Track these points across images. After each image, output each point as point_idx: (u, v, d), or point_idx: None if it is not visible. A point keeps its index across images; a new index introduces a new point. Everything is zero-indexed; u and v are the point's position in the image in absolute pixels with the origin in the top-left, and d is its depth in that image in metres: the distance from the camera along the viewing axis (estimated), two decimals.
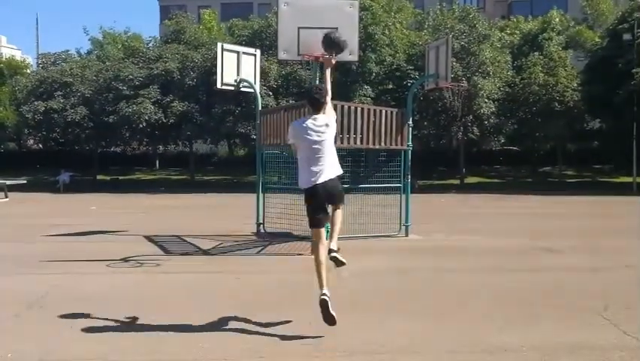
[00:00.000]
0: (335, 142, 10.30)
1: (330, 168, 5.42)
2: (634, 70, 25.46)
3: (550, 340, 5.00)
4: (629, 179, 27.86)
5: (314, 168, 5.36)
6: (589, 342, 4.95)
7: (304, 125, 5.48)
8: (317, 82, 9.62)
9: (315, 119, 5.49)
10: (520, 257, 9.41)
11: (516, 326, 5.44)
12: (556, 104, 28.83)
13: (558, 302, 6.30)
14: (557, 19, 32.58)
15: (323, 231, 5.49)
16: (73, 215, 16.39)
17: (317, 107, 5.56)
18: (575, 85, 29.34)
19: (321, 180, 5.34)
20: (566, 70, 29.71)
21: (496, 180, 31.72)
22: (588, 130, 33.29)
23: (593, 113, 30.41)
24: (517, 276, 7.85)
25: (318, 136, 5.41)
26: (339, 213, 5.52)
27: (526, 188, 27.69)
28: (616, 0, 36.63)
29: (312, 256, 5.46)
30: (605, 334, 5.18)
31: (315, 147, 5.39)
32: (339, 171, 5.58)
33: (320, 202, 5.44)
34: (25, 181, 25.65)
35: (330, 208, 5.56)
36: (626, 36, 26.63)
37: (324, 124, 5.47)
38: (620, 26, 28.02)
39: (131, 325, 5.51)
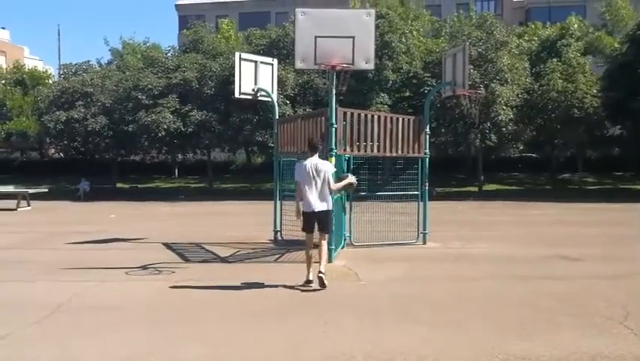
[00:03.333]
0: (352, 150, 10.59)
1: (323, 201, 7.57)
2: None
3: (571, 349, 4.96)
4: None
5: (311, 198, 7.49)
6: (610, 351, 4.90)
7: (306, 167, 7.57)
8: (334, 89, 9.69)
9: (314, 163, 7.59)
10: (539, 265, 9.33)
11: (536, 334, 5.40)
12: (576, 111, 28.53)
13: (578, 311, 6.24)
14: (576, 25, 32.29)
15: (312, 236, 7.68)
16: (93, 223, 16.59)
17: (314, 152, 7.71)
18: (595, 91, 29.01)
19: (317, 209, 7.53)
20: (585, 76, 29.41)
21: (514, 188, 31.46)
22: (608, 137, 32.89)
23: (613, 120, 30.04)
24: (537, 284, 7.78)
25: (316, 175, 7.52)
26: (324, 245, 7.64)
27: (545, 195, 27.42)
28: (635, 5, 36.27)
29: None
30: (626, 343, 5.12)
31: (313, 182, 7.52)
32: (330, 207, 7.69)
33: (312, 221, 7.59)
34: (46, 190, 26.03)
35: (317, 231, 7.65)
36: None
37: (320, 167, 7.59)
38: None
39: (150, 332, 5.57)
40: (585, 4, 43.24)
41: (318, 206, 7.48)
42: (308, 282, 7.41)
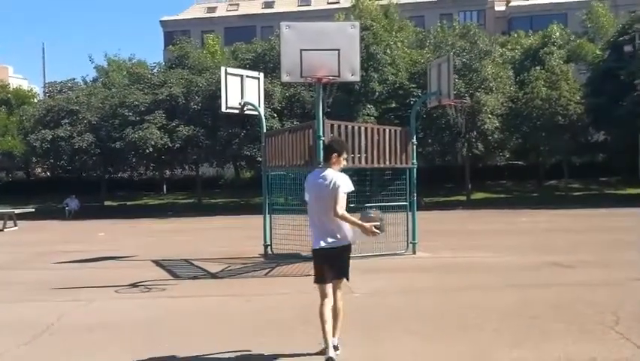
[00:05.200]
0: None
1: (337, 233, 4.96)
2: (636, 81, 25.52)
3: (562, 355, 4.97)
4: (637, 191, 27.75)
5: (318, 228, 5.02)
6: (602, 357, 4.91)
7: (310, 181, 5.14)
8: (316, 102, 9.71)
9: (325, 176, 5.01)
10: (529, 273, 9.36)
11: (527, 342, 5.41)
12: (560, 118, 28.86)
13: (569, 317, 6.26)
14: (558, 34, 32.74)
15: (328, 287, 5.01)
16: (82, 241, 16.44)
17: (329, 155, 5.14)
18: (578, 98, 29.39)
19: (326, 245, 4.96)
20: (568, 83, 29.78)
21: (502, 196, 31.63)
22: (593, 143, 33.28)
23: (597, 126, 30.44)
24: (528, 292, 7.81)
25: (324, 193, 4.95)
26: (338, 300, 5.05)
27: (532, 203, 27.61)
28: (616, 12, 36.85)
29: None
30: (618, 348, 5.14)
31: (320, 204, 4.98)
32: (349, 240, 5.03)
33: (322, 265, 5.03)
34: (33, 209, 25.80)
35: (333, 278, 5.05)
36: (627, 48, 26.77)
37: (331, 182, 4.96)
38: (621, 38, 28.20)
39: (140, 351, 5.51)
40: (566, 13, 43.85)
41: (329, 240, 4.97)
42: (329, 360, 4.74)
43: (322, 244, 4.94)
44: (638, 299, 7.08)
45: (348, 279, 5.12)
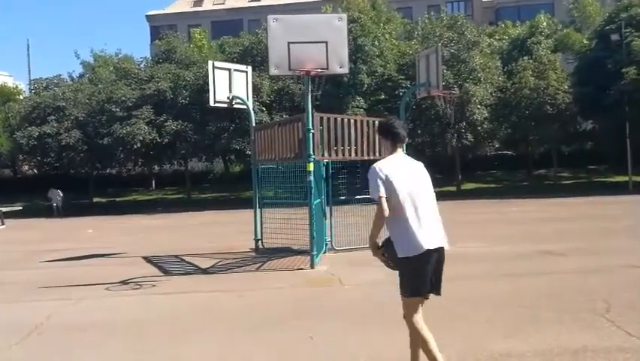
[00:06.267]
0: (330, 155, 10.19)
1: (442, 231, 4.13)
2: (623, 70, 25.64)
3: (554, 344, 4.98)
4: (625, 178, 27.96)
5: (426, 227, 3.97)
6: (593, 345, 4.92)
7: (400, 172, 4.02)
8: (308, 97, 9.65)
9: (409, 164, 4.19)
10: (520, 262, 9.39)
11: (519, 331, 5.42)
12: (548, 107, 29.00)
13: (560, 306, 6.28)
14: (545, 23, 32.84)
15: (420, 302, 4.19)
16: (70, 239, 16.31)
17: (397, 142, 4.19)
18: (566, 87, 29.54)
19: (438, 244, 4.01)
20: (556, 73, 29.91)
21: (492, 185, 31.77)
22: (581, 132, 33.49)
23: (585, 115, 30.61)
24: (519, 281, 7.83)
25: (421, 184, 4.12)
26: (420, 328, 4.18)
27: (522, 192, 27.74)
28: (602, 2, 37.00)
29: (410, 330, 4.22)
30: (609, 336, 5.16)
31: (421, 198, 4.04)
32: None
33: (428, 271, 4.00)
34: (20, 207, 25.59)
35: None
36: (614, 37, 26.87)
37: (421, 171, 4.24)
38: (608, 27, 28.29)
39: (131, 349, 5.46)
40: (553, 2, 44.02)
41: (440, 238, 4.06)
42: None
43: (432, 243, 3.94)
44: (628, 287, 7.11)
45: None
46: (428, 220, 3.98)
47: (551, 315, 5.91)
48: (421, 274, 3.96)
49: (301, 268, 9.37)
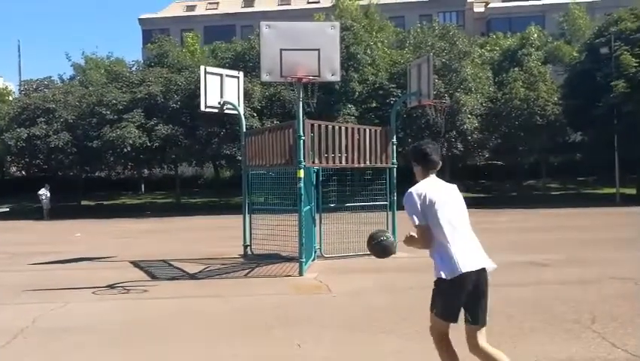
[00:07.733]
0: (320, 162, 10.20)
1: (482, 252, 3.96)
2: (612, 82, 25.89)
3: (540, 355, 5.01)
4: (613, 190, 28.18)
5: (465, 249, 3.86)
6: (579, 356, 4.96)
7: (438, 197, 3.93)
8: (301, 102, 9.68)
9: (445, 188, 4.10)
10: (507, 272, 9.40)
11: (505, 341, 5.42)
12: (538, 118, 29.24)
13: (546, 317, 6.32)
14: (535, 35, 33.12)
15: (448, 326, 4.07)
16: (58, 242, 16.19)
17: (430, 167, 4.11)
18: (556, 99, 29.79)
19: (480, 266, 3.85)
20: (546, 84, 30.16)
21: (481, 195, 31.88)
22: (570, 143, 33.75)
23: (574, 126, 30.88)
24: (506, 291, 7.84)
25: (458, 207, 4.04)
26: (489, 349, 4.05)
27: (511, 202, 27.87)
28: (592, 15, 37.40)
29: (439, 352, 4.17)
30: (594, 347, 5.19)
31: (460, 221, 3.98)
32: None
33: (462, 295, 3.87)
34: (8, 209, 25.37)
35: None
36: (604, 50, 27.13)
37: (457, 195, 4.13)
38: (597, 40, 28.56)
39: (117, 354, 5.43)
40: (544, 15, 44.42)
41: (481, 259, 3.89)
42: None
43: (471, 265, 3.78)
44: (614, 298, 7.17)
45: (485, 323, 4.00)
46: (466, 242, 3.88)
47: (537, 325, 5.95)
48: (455, 298, 3.85)
49: (290, 275, 9.36)
